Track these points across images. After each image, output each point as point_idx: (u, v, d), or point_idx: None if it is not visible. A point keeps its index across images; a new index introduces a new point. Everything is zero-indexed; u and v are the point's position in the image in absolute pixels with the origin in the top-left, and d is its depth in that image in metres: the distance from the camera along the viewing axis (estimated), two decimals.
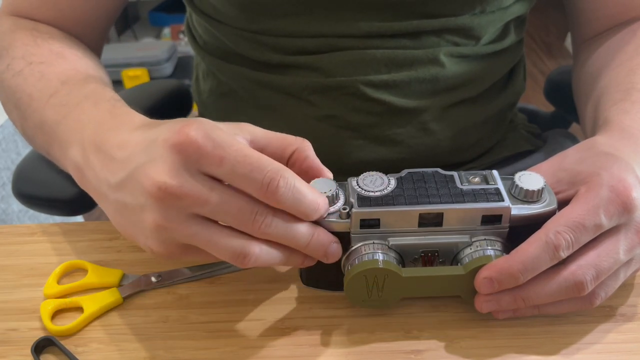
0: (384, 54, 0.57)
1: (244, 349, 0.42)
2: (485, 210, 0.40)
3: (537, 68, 2.56)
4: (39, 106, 0.50)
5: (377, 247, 0.41)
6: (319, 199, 0.39)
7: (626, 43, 0.59)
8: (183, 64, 2.16)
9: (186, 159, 0.36)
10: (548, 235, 0.38)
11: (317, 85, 0.58)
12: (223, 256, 0.38)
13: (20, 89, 0.53)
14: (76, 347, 0.42)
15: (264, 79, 0.61)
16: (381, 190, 0.41)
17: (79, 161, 0.43)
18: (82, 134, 0.44)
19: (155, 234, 0.38)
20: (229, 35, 0.61)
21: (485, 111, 0.64)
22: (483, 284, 0.39)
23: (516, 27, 0.64)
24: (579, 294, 0.39)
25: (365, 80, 0.57)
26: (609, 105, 0.52)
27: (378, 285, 0.41)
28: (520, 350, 0.41)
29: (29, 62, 0.54)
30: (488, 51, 0.61)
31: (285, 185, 0.36)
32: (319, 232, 0.40)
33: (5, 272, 0.49)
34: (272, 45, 0.59)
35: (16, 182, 0.64)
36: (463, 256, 0.41)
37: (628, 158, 0.42)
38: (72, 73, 0.52)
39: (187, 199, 0.36)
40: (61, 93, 0.49)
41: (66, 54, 0.56)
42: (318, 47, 0.57)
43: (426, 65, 0.58)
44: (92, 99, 0.47)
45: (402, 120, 0.60)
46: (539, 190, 0.41)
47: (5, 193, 1.37)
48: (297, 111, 0.60)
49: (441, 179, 0.42)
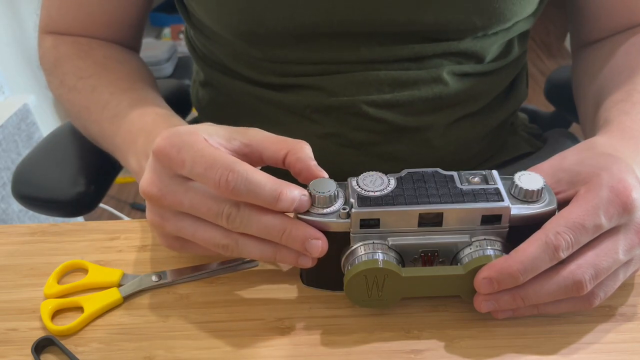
0: (387, 75, 0.57)
1: (244, 349, 0.42)
2: (485, 210, 0.40)
3: (537, 68, 2.56)
4: (97, 118, 0.57)
5: (377, 247, 0.41)
6: (279, 187, 0.38)
7: (629, 45, 0.59)
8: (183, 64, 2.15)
9: (162, 164, 0.40)
10: (548, 235, 0.38)
11: (319, 104, 0.58)
12: (209, 247, 0.41)
13: (78, 102, 0.59)
14: (76, 347, 0.42)
15: (265, 96, 0.60)
16: (381, 190, 0.41)
17: (136, 168, 0.49)
18: (135, 146, 0.50)
19: (155, 229, 0.44)
20: (227, 56, 0.61)
21: (488, 124, 0.64)
22: (483, 284, 0.39)
23: (520, 41, 0.64)
24: (578, 294, 0.39)
25: (368, 100, 0.57)
26: (610, 106, 0.51)
27: (378, 285, 0.41)
28: (519, 350, 0.41)
29: (79, 77, 0.60)
30: (492, 68, 0.61)
31: (235, 178, 0.38)
32: (292, 226, 0.40)
33: (5, 272, 0.49)
34: (272, 69, 0.59)
35: (15, 183, 0.64)
36: (463, 256, 0.41)
37: (628, 159, 0.42)
38: (117, 83, 0.58)
39: (166, 200, 0.40)
40: (111, 104, 0.56)
41: (108, 63, 0.61)
42: (320, 70, 0.57)
43: (429, 84, 0.58)
44: (138, 109, 0.54)
45: (404, 138, 0.60)
46: (538, 190, 0.41)
47: (5, 193, 1.37)
48: (299, 128, 0.60)
49: (441, 179, 0.42)
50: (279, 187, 0.39)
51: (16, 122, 1.42)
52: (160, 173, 0.41)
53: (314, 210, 0.41)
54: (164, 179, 0.40)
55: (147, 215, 0.43)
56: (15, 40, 1.60)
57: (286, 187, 0.39)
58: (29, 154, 0.67)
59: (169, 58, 2.09)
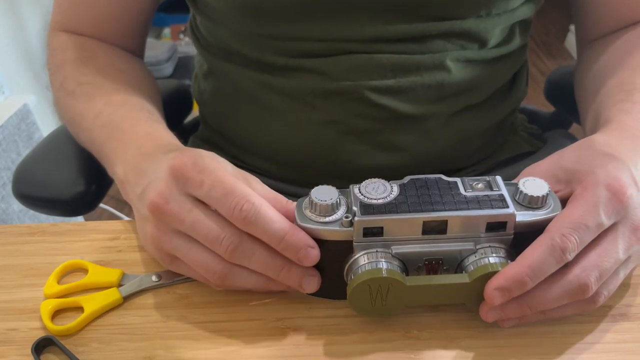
0: (390, 59, 0.57)
1: (244, 349, 0.42)
2: (489, 217, 0.40)
3: (537, 68, 2.55)
4: (88, 126, 0.58)
5: (380, 255, 0.40)
6: (288, 227, 0.40)
7: (631, 44, 0.59)
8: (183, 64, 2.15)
9: (176, 180, 0.42)
10: (553, 238, 0.38)
11: (321, 89, 0.58)
12: (200, 270, 0.42)
13: (72, 107, 0.60)
14: (76, 347, 0.42)
15: (267, 81, 0.60)
16: (384, 198, 0.40)
17: (122, 177, 0.50)
18: (125, 155, 0.50)
19: (150, 241, 0.44)
20: (232, 37, 0.61)
21: (489, 118, 0.64)
22: (495, 296, 0.38)
23: (521, 31, 0.64)
24: (583, 296, 0.39)
25: (371, 86, 0.57)
26: (610, 105, 0.52)
27: (382, 294, 0.40)
28: (520, 350, 0.41)
29: (78, 83, 0.61)
30: (494, 55, 0.61)
31: (250, 209, 0.39)
32: (290, 266, 0.41)
33: (5, 272, 0.49)
34: (276, 48, 0.59)
35: (16, 183, 0.64)
36: (467, 264, 0.41)
37: (625, 157, 0.42)
38: (114, 93, 0.59)
39: (169, 216, 0.41)
40: (104, 114, 0.56)
41: (109, 71, 0.62)
42: (323, 50, 0.57)
43: (432, 71, 0.58)
44: (130, 120, 0.55)
45: (406, 126, 0.60)
46: (543, 196, 0.40)
47: (6, 193, 1.37)
48: (301, 115, 0.60)
49: (444, 185, 0.41)
50: (286, 226, 0.40)
51: (16, 122, 1.42)
52: (173, 188, 0.42)
53: (316, 219, 0.40)
54: (174, 194, 0.42)
55: (148, 227, 0.44)
56: (15, 40, 1.60)
57: (295, 229, 0.40)
58: (29, 153, 0.67)
59: (169, 58, 2.09)
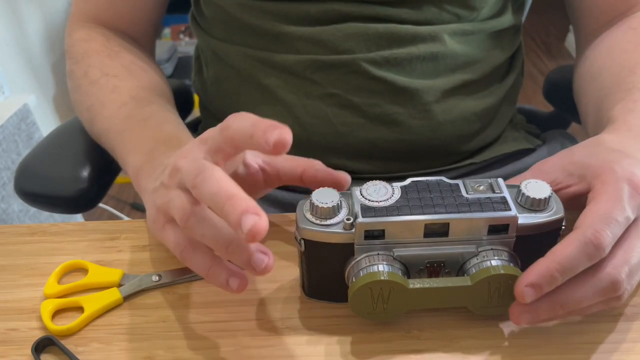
0: (386, 29, 0.58)
1: (244, 349, 0.42)
2: (492, 220, 0.39)
3: (537, 68, 2.55)
4: (109, 114, 0.59)
5: (381, 258, 0.40)
6: (233, 192, 0.35)
7: (627, 42, 0.59)
8: (183, 64, 2.15)
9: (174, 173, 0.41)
10: (585, 235, 0.37)
11: (319, 62, 0.60)
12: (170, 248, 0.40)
13: (95, 96, 0.61)
14: (76, 347, 0.43)
15: (267, 58, 0.62)
16: (385, 200, 0.40)
17: (137, 166, 0.50)
18: (144, 146, 0.51)
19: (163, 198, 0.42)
20: (233, 5, 0.62)
21: (485, 100, 0.65)
22: (527, 293, 0.37)
23: (514, 9, 0.65)
24: (615, 294, 0.38)
25: (367, 58, 0.59)
26: (612, 105, 0.52)
27: (383, 297, 0.40)
28: (520, 350, 0.41)
29: (104, 73, 0.62)
30: (487, 28, 0.62)
31: (205, 178, 0.37)
32: (240, 241, 0.37)
33: (5, 272, 0.49)
34: (276, 13, 0.60)
35: (18, 179, 0.64)
36: (469, 266, 0.40)
37: (637, 155, 0.43)
38: (138, 90, 0.61)
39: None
40: (129, 106, 0.58)
41: (133, 69, 0.64)
42: (319, 14, 0.59)
43: (427, 42, 0.59)
44: (156, 119, 0.56)
45: (403, 99, 0.61)
46: (545, 198, 0.40)
47: (6, 193, 1.37)
48: (299, 90, 0.61)
49: (446, 187, 0.41)
50: (232, 192, 0.35)
51: (16, 122, 1.42)
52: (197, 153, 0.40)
53: (317, 222, 0.40)
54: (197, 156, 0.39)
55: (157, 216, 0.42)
56: (15, 40, 1.60)
57: (241, 195, 0.35)
58: (31, 151, 0.68)
59: (169, 58, 2.09)
